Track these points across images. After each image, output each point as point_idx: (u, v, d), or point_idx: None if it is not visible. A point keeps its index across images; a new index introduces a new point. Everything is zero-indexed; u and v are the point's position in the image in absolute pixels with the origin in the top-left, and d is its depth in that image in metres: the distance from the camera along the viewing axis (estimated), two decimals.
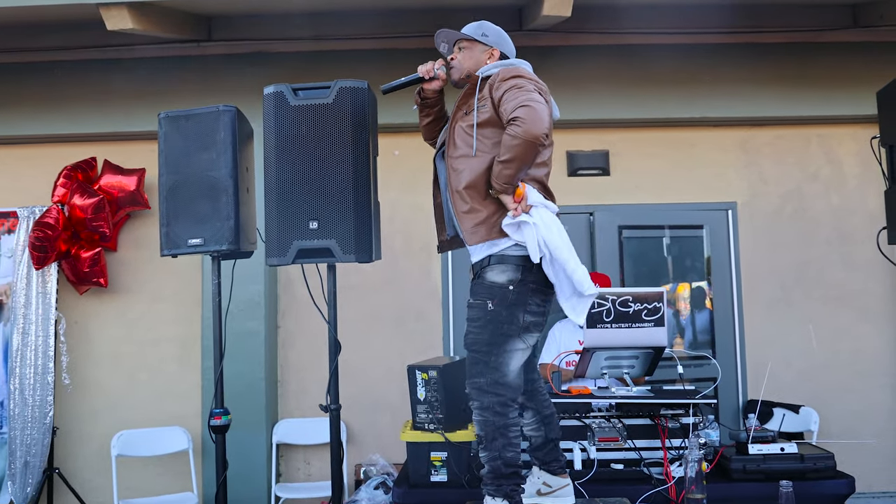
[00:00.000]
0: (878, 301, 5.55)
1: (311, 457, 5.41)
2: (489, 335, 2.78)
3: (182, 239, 3.42)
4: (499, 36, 3.05)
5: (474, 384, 2.79)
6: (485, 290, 2.81)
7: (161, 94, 5.31)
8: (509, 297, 2.78)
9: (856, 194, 5.59)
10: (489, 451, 2.77)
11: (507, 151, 2.70)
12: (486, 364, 2.77)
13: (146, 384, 5.42)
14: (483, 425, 2.78)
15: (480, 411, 2.78)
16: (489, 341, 2.78)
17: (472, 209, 2.83)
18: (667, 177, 5.60)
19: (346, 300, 4.86)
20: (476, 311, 2.81)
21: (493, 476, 2.77)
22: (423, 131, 3.24)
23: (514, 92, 2.74)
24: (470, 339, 2.83)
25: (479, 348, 2.79)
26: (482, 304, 2.80)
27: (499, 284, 2.79)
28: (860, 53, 5.41)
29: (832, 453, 3.44)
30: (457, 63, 3.03)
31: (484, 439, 2.78)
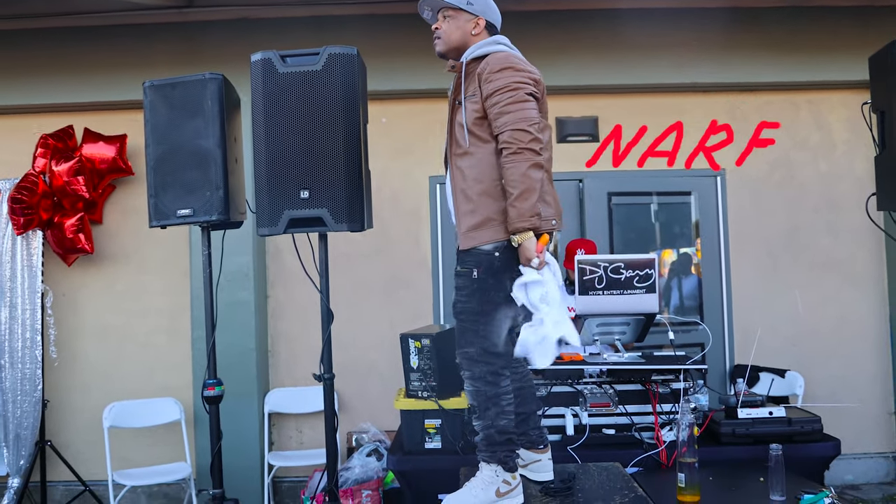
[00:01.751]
0: (864, 267, 5.60)
1: (303, 425, 5.43)
2: (477, 303, 2.76)
3: (171, 210, 3.39)
4: (485, 3, 2.94)
5: (465, 354, 2.79)
6: (471, 258, 2.78)
7: (142, 61, 5.22)
8: (495, 264, 2.76)
9: (844, 161, 5.60)
10: (482, 420, 2.78)
11: (516, 185, 2.63)
12: (475, 333, 2.76)
13: (136, 355, 5.41)
14: (475, 395, 2.78)
15: (472, 381, 2.78)
16: (477, 310, 2.76)
17: (474, 210, 2.76)
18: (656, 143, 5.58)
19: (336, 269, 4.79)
20: (463, 280, 2.79)
21: (487, 444, 2.78)
22: None
23: (504, 98, 2.68)
24: (458, 308, 2.81)
25: (468, 317, 2.77)
26: (468, 273, 2.77)
27: (484, 252, 2.76)
28: (850, 18, 5.37)
29: (819, 417, 3.50)
30: (441, 33, 2.93)
31: (477, 409, 2.79)
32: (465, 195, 2.79)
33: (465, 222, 2.78)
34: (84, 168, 5.15)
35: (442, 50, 2.95)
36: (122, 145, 5.28)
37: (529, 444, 3.00)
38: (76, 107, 5.36)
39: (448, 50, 2.94)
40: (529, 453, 3.00)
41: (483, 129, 2.77)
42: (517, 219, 2.63)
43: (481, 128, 2.77)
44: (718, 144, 5.62)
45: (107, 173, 5.30)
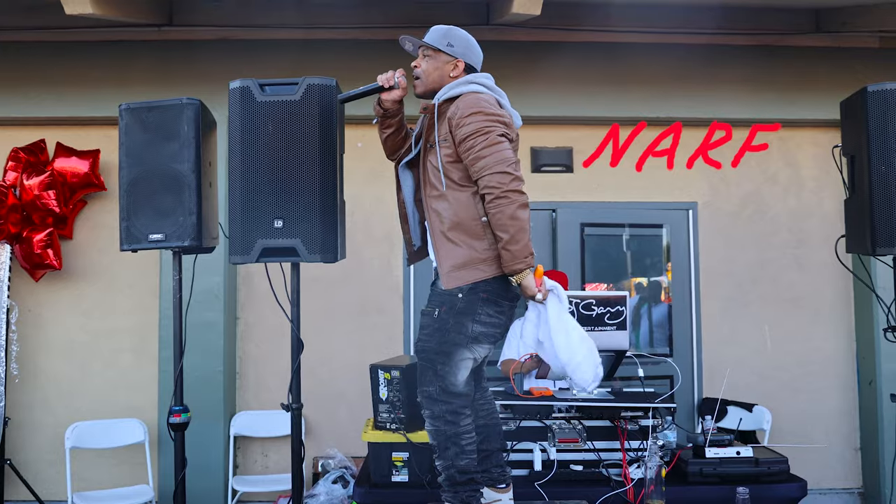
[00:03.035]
0: (831, 304, 5.67)
1: (269, 449, 5.37)
2: (436, 343, 2.77)
3: (143, 234, 3.35)
4: (466, 46, 2.94)
5: (424, 392, 2.79)
6: (436, 297, 2.82)
7: (119, 78, 5.17)
8: (457, 306, 2.76)
9: (813, 197, 5.69)
10: (443, 460, 2.77)
11: (506, 229, 2.64)
12: (434, 372, 2.76)
13: (101, 374, 5.31)
14: (435, 434, 2.78)
15: (432, 420, 2.78)
16: (437, 349, 2.77)
17: (454, 251, 2.77)
18: (629, 176, 5.63)
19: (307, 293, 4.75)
20: (426, 319, 2.82)
21: (449, 484, 2.77)
22: (385, 146, 3.14)
23: (478, 142, 2.69)
24: (420, 347, 2.82)
25: (428, 356, 2.78)
26: (430, 312, 2.80)
27: (448, 292, 2.77)
28: (822, 58, 5.49)
29: (786, 458, 3.53)
30: (420, 72, 2.94)
31: (437, 448, 2.78)
32: (444, 237, 2.79)
33: (447, 262, 2.78)
34: (55, 182, 5.08)
35: (420, 91, 2.97)
36: (95, 160, 5.23)
37: (491, 483, 2.99)
38: (50, 121, 5.29)
39: (426, 91, 2.95)
40: (490, 492, 2.98)
41: (456, 172, 2.79)
42: (512, 261, 2.65)
43: (455, 170, 2.79)
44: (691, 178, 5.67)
45: (79, 188, 5.24)
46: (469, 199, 2.77)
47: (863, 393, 5.58)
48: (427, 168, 2.86)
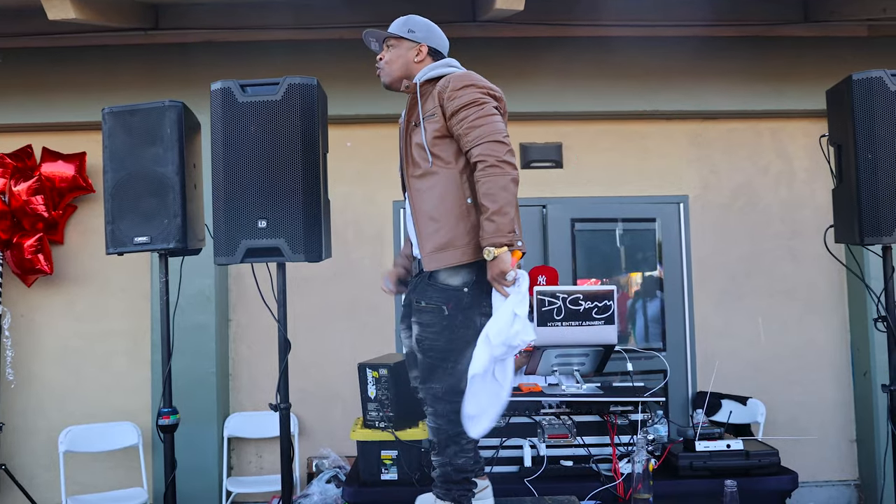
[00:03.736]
0: (824, 295, 5.66)
1: (263, 450, 5.37)
2: (445, 341, 2.70)
3: (128, 237, 3.36)
4: (428, 30, 2.93)
5: (430, 390, 2.74)
6: (438, 292, 2.71)
7: (105, 83, 5.18)
8: (464, 301, 2.71)
9: (805, 188, 5.67)
10: (441, 457, 2.76)
11: (495, 200, 2.55)
12: (443, 370, 2.71)
13: (94, 378, 5.33)
14: (436, 432, 2.75)
15: (434, 418, 2.75)
16: (446, 347, 2.71)
17: (437, 231, 2.70)
18: (619, 170, 5.62)
19: (299, 293, 4.82)
20: (430, 316, 2.71)
21: (443, 481, 2.76)
22: None
23: (472, 113, 2.63)
24: (426, 345, 2.72)
25: (436, 354, 2.71)
26: (436, 309, 2.70)
27: (453, 287, 2.71)
28: (811, 48, 5.46)
29: (776, 450, 3.50)
30: (383, 64, 2.93)
31: (436, 445, 2.76)
32: (427, 216, 2.72)
33: (429, 243, 2.71)
34: (44, 187, 5.09)
35: (386, 82, 2.96)
36: (81, 163, 5.24)
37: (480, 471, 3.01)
38: (36, 127, 5.29)
39: (392, 81, 2.94)
40: (478, 481, 2.98)
41: (443, 149, 2.72)
42: (494, 233, 2.55)
43: (441, 147, 2.72)
44: (682, 171, 5.67)
45: (67, 192, 5.25)
46: (456, 178, 2.70)
47: (858, 384, 5.57)
48: (411, 148, 2.79)
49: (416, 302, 2.77)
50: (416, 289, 2.82)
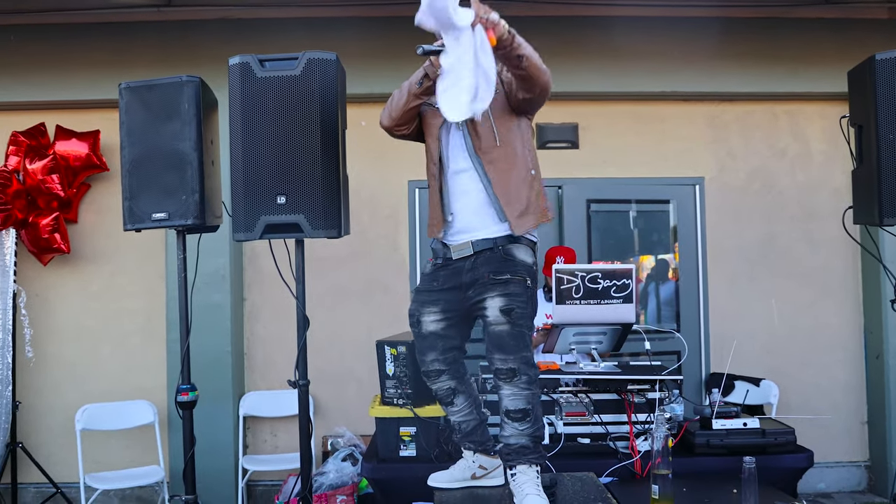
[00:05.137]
0: (839, 278, 5.65)
1: (278, 429, 5.40)
2: (531, 310, 2.84)
3: (146, 213, 3.34)
4: None
5: (523, 358, 2.75)
6: (520, 266, 2.82)
7: (119, 60, 5.16)
8: (535, 277, 2.88)
9: (821, 171, 5.64)
10: (535, 423, 2.77)
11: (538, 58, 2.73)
12: (528, 338, 2.80)
13: (110, 357, 5.36)
14: (530, 398, 2.77)
15: (528, 384, 2.76)
16: (531, 315, 2.85)
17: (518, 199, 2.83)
18: (635, 151, 5.60)
19: (313, 273, 4.77)
20: (518, 287, 2.79)
21: (535, 443, 2.78)
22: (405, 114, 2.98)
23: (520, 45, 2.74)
24: (518, 314, 2.76)
25: (526, 322, 2.80)
26: (522, 280, 2.80)
27: (528, 264, 2.85)
28: (830, 30, 5.42)
29: (793, 428, 3.51)
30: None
31: (530, 412, 2.76)
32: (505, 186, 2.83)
33: (514, 209, 2.82)
34: (58, 166, 5.10)
35: None
36: (95, 141, 5.24)
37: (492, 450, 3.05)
38: (49, 105, 5.29)
39: None
40: (491, 460, 3.05)
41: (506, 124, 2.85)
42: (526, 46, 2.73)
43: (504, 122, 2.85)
44: (698, 153, 5.64)
45: (81, 170, 5.26)
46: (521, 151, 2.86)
47: (870, 367, 5.58)
48: (476, 125, 2.85)
49: (497, 276, 2.80)
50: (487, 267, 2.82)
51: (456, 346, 2.97)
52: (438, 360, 2.96)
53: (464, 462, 3.04)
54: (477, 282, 2.82)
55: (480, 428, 3.04)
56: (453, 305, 2.91)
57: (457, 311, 2.91)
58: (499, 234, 2.83)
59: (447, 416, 3.07)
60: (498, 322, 2.76)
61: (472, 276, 2.84)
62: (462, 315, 2.91)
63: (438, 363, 2.96)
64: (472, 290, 2.83)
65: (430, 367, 2.98)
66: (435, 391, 3.02)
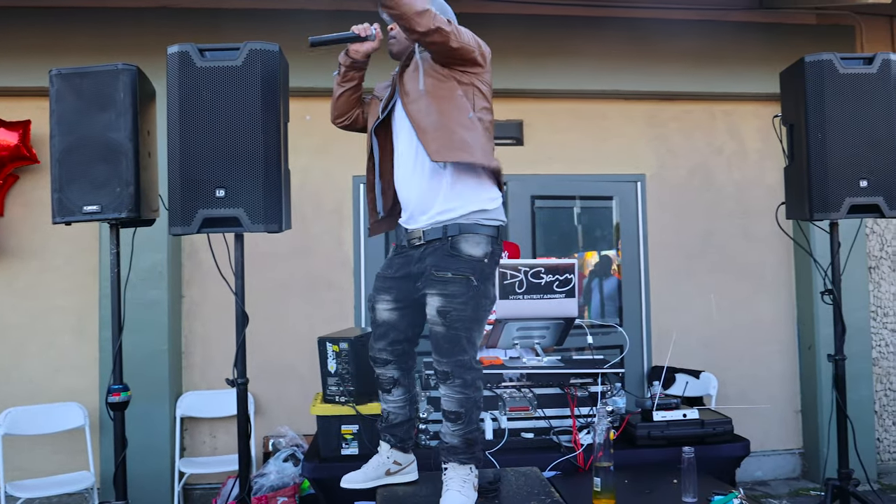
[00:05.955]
0: (774, 272, 5.81)
1: (218, 429, 5.28)
2: (472, 311, 2.71)
3: (77, 205, 3.19)
4: (442, 7, 2.93)
5: (459, 362, 2.71)
6: (463, 263, 2.71)
7: (54, 47, 4.98)
8: (485, 272, 2.75)
9: (756, 169, 5.79)
10: (466, 425, 2.74)
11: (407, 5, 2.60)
12: (468, 340, 2.72)
13: (37, 357, 5.15)
14: (464, 402, 2.73)
15: (462, 388, 2.72)
16: (473, 317, 2.72)
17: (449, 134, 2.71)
18: (579, 148, 5.65)
19: (256, 269, 4.73)
20: (458, 286, 2.69)
21: (467, 445, 2.76)
22: (336, 105, 3.03)
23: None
24: (454, 315, 2.69)
25: (463, 324, 2.70)
26: (464, 279, 2.70)
27: (476, 258, 2.72)
28: (763, 34, 5.57)
29: (730, 418, 3.59)
30: (397, 33, 2.90)
31: (463, 415, 2.73)
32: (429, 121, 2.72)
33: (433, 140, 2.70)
34: None
35: (395, 51, 2.93)
36: (25, 131, 5.04)
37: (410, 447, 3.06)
38: None
39: (401, 50, 2.92)
40: (406, 455, 3.05)
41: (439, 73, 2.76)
42: None
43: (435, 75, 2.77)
44: (639, 150, 5.73)
45: (8, 161, 5.05)
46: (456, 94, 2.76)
47: (803, 357, 5.75)
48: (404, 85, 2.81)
49: (438, 272, 2.73)
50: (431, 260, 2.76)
51: (406, 339, 2.93)
52: (387, 350, 2.93)
53: (378, 458, 3.01)
54: (422, 274, 2.79)
55: (406, 424, 3.02)
56: (405, 294, 2.87)
57: (408, 301, 2.87)
58: (447, 216, 2.75)
59: (381, 401, 3.04)
60: (434, 322, 2.72)
61: (419, 268, 2.81)
62: (413, 305, 2.86)
63: (386, 353, 2.93)
64: (420, 281, 2.80)
65: (378, 355, 2.95)
66: (378, 375, 2.99)
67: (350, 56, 2.89)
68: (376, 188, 2.98)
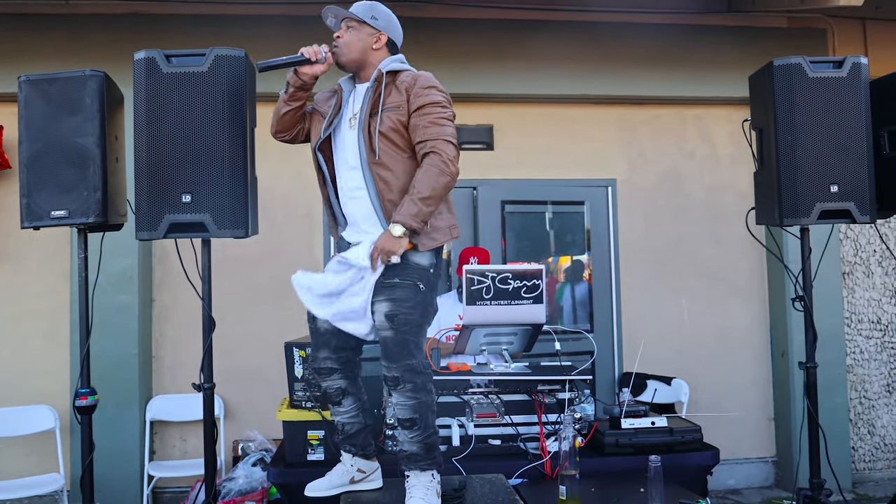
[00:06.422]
0: (746, 277, 5.83)
1: (188, 433, 5.26)
2: (419, 316, 2.77)
3: (45, 210, 3.19)
4: (389, 21, 2.96)
5: (407, 366, 2.72)
6: (411, 269, 2.78)
7: (24, 53, 4.98)
8: (431, 280, 2.83)
9: (727, 173, 5.82)
10: (424, 431, 2.76)
11: (430, 189, 2.68)
12: (416, 345, 2.76)
13: (8, 360, 5.13)
14: (417, 407, 2.74)
15: (414, 393, 2.74)
16: (419, 322, 2.78)
17: None
18: (549, 153, 5.67)
19: (225, 273, 4.73)
20: (407, 292, 2.75)
21: (427, 450, 2.77)
22: (280, 120, 3.03)
23: (437, 111, 2.75)
24: (402, 320, 2.73)
25: (411, 329, 2.74)
26: (413, 286, 2.77)
27: (423, 267, 2.80)
28: (733, 37, 5.59)
29: (699, 426, 3.58)
30: (341, 43, 2.90)
31: (418, 420, 2.74)
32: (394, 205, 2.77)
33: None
34: None
35: (342, 61, 2.93)
36: None
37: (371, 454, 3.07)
38: None
39: (347, 62, 2.92)
40: (370, 463, 3.07)
41: (399, 140, 2.80)
42: (413, 217, 2.67)
43: (397, 138, 2.80)
44: (610, 155, 5.75)
45: None
46: (413, 167, 2.80)
47: (776, 364, 5.77)
48: (369, 135, 2.82)
49: (385, 279, 2.77)
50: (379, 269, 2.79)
51: (350, 347, 2.95)
52: (331, 359, 2.94)
53: (341, 466, 3.03)
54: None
55: (364, 432, 3.03)
56: None
57: None
58: None
59: (332, 415, 3.05)
60: (383, 328, 2.74)
61: None
62: None
63: (331, 361, 2.95)
64: None
65: (323, 365, 2.96)
66: (324, 389, 3.00)
67: (300, 77, 2.90)
68: (333, 203, 3.03)
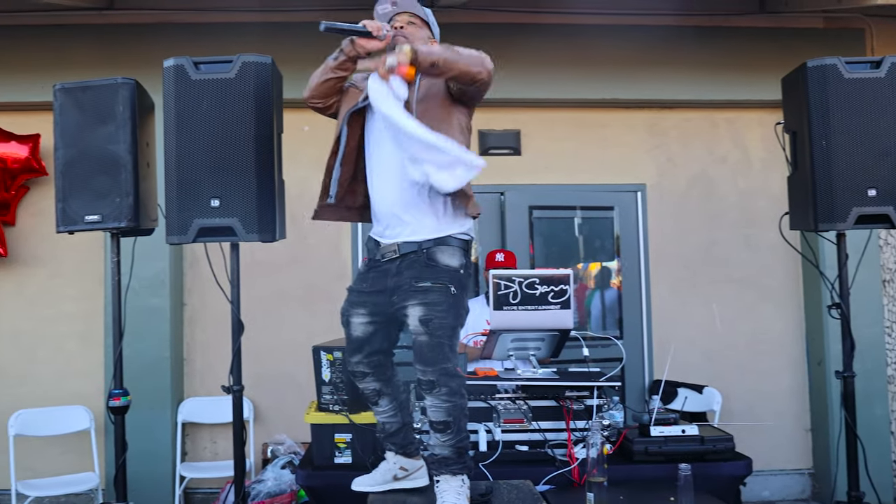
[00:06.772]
0: (781, 282, 5.73)
1: (218, 436, 5.32)
2: (453, 319, 2.76)
3: (79, 215, 3.29)
4: (437, 31, 3.09)
5: (443, 370, 2.72)
6: (442, 272, 2.77)
7: (59, 63, 5.08)
8: (462, 282, 2.81)
9: (760, 178, 5.73)
10: (456, 434, 2.75)
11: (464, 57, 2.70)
12: (450, 348, 2.75)
13: (46, 362, 5.24)
14: (451, 410, 2.73)
15: (449, 396, 2.73)
16: (453, 325, 2.77)
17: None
18: (577, 158, 5.64)
19: (254, 278, 4.76)
20: (439, 295, 2.74)
21: (458, 454, 2.76)
22: (320, 87, 2.98)
23: None
24: (436, 324, 2.72)
25: (445, 332, 2.74)
26: (444, 288, 2.75)
27: (454, 268, 2.78)
28: (766, 39, 5.51)
29: (731, 435, 3.50)
30: (408, 33, 2.91)
31: (451, 423, 2.73)
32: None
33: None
34: None
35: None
36: (35, 145, 5.16)
37: (414, 452, 3.06)
38: None
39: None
40: (413, 461, 3.05)
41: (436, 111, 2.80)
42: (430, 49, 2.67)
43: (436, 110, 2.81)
44: (639, 160, 5.70)
45: (19, 173, 5.16)
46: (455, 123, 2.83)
47: (812, 373, 5.64)
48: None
49: (417, 283, 2.76)
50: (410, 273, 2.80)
51: (381, 351, 2.95)
52: (363, 363, 2.95)
53: (385, 464, 3.03)
54: (400, 287, 2.80)
55: (403, 431, 3.03)
56: (380, 309, 2.87)
57: (384, 316, 2.88)
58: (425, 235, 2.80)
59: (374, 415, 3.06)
60: (417, 332, 2.73)
61: (396, 282, 2.82)
62: (389, 319, 2.88)
63: (363, 366, 2.95)
64: (396, 295, 2.80)
65: (356, 369, 2.97)
66: (361, 390, 3.01)
67: (355, 48, 2.84)
68: (334, 173, 3.02)
